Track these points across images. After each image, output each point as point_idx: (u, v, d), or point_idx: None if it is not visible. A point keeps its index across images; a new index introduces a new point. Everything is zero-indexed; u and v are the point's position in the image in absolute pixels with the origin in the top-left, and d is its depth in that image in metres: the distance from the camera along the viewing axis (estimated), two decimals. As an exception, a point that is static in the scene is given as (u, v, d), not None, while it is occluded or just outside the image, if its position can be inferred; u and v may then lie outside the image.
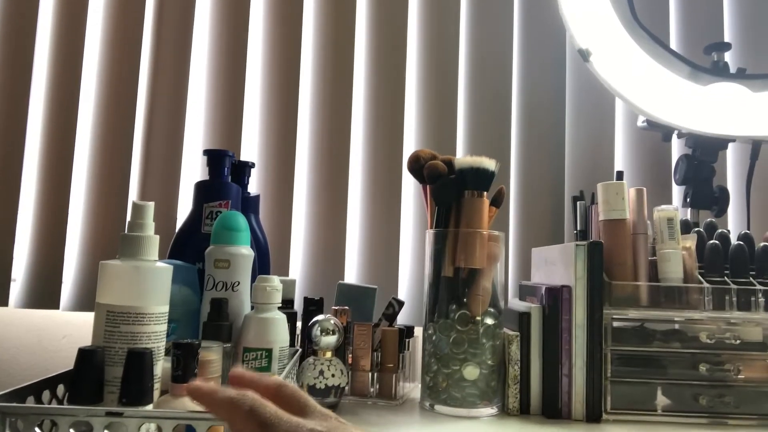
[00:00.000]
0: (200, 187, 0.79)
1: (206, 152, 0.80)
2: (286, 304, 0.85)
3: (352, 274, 1.11)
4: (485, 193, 0.82)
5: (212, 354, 0.58)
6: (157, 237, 0.56)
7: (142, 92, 1.14)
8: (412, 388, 0.90)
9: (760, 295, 0.79)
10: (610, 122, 1.16)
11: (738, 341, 0.78)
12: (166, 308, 0.56)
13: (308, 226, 1.12)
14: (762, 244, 0.82)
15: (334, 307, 0.87)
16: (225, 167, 0.79)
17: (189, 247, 0.76)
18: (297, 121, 1.14)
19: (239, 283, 0.70)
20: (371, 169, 1.14)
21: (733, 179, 1.16)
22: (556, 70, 1.16)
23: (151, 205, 0.56)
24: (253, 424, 0.33)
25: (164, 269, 0.56)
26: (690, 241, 0.83)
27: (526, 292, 0.93)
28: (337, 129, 1.14)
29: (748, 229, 1.01)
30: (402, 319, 1.02)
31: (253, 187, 1.04)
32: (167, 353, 0.55)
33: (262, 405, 0.33)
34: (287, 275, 1.09)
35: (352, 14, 1.16)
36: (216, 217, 0.74)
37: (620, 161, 1.16)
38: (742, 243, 0.82)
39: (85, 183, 1.12)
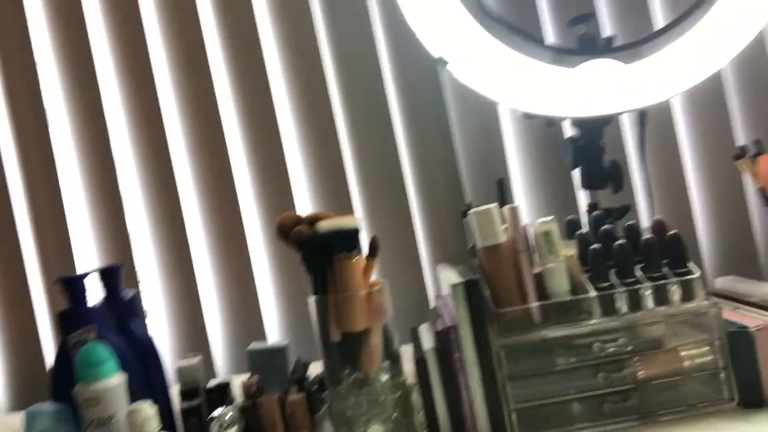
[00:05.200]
0: (60, 318, 0.77)
1: (58, 280, 0.77)
2: (191, 395, 0.85)
3: (273, 334, 1.10)
4: (354, 251, 0.79)
5: None
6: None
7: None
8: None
9: (648, 291, 0.77)
10: (495, 120, 1.11)
11: (630, 347, 0.76)
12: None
13: (218, 294, 1.11)
14: (644, 237, 0.80)
15: (243, 381, 0.86)
16: (82, 291, 0.77)
17: (66, 382, 0.75)
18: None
19: (114, 414, 0.70)
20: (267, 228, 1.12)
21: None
22: (431, 81, 1.11)
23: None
24: None
25: None
26: (571, 249, 0.81)
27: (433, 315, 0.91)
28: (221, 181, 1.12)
29: (652, 203, 0.98)
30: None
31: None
32: None
33: None
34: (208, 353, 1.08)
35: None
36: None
37: (515, 156, 1.12)
38: (624, 241, 0.79)
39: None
